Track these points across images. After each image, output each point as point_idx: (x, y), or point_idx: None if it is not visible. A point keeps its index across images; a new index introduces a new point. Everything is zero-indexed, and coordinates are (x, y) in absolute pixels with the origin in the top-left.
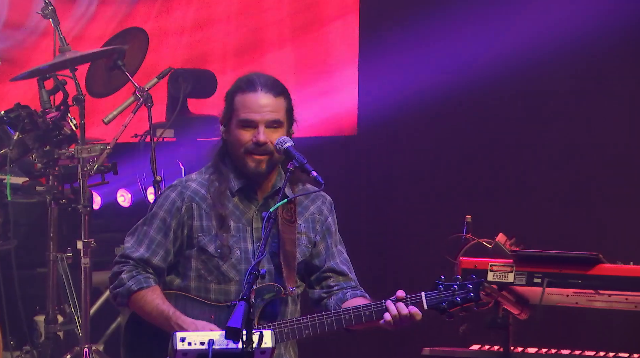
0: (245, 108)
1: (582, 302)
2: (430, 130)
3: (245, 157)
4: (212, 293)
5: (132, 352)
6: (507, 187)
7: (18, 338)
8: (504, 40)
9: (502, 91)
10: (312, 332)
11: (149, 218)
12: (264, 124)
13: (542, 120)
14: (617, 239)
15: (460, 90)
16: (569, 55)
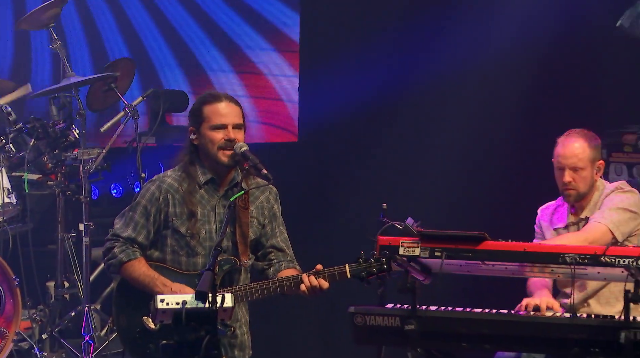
0: (216, 115)
1: (472, 271)
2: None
3: (218, 153)
4: (183, 265)
5: (120, 310)
6: (416, 181)
7: (34, 299)
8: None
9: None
10: (260, 295)
11: (134, 206)
12: (231, 125)
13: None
14: (500, 222)
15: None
16: (486, 65)
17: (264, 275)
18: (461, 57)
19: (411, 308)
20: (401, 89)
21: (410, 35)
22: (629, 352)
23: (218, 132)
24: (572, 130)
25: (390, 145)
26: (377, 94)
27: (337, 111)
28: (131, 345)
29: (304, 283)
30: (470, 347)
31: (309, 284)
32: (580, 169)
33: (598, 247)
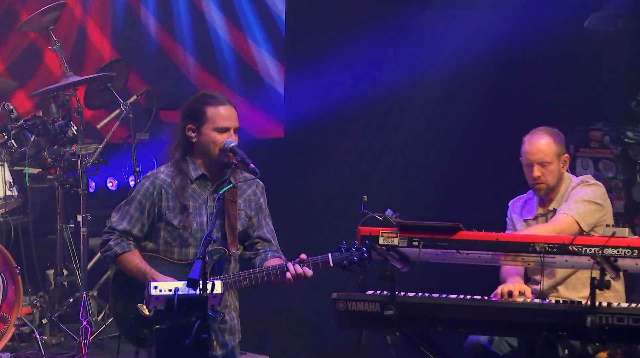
0: (221, 118)
1: (447, 259)
2: (342, 133)
3: (220, 154)
4: (176, 255)
5: (117, 298)
6: (395, 176)
7: (34, 286)
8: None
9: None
10: (248, 283)
11: (130, 200)
12: (233, 129)
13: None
14: (474, 213)
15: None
16: (462, 63)
17: (251, 264)
18: (438, 55)
19: (390, 295)
20: (382, 86)
21: (390, 34)
22: (595, 335)
23: (221, 134)
24: (536, 129)
25: (371, 142)
26: (359, 91)
27: (321, 108)
28: (127, 330)
29: (289, 271)
30: (445, 330)
31: (294, 272)
32: (548, 164)
33: (566, 236)
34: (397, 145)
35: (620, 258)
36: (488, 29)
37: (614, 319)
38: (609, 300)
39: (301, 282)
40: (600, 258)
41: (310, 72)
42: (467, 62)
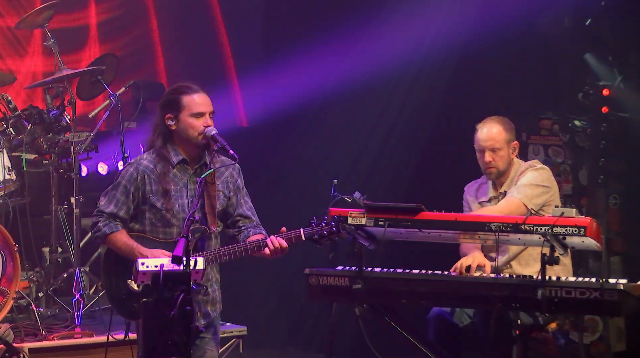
0: (196, 104)
1: (410, 237)
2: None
3: (199, 136)
4: (160, 235)
5: (108, 276)
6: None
7: (31, 262)
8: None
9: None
10: (228, 257)
11: (116, 185)
12: (209, 114)
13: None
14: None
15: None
16: (424, 60)
17: (234, 241)
18: (401, 48)
19: (358, 270)
20: (347, 77)
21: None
22: (545, 306)
23: (198, 119)
24: (489, 118)
25: (341, 129)
26: (325, 82)
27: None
28: (118, 304)
29: (268, 246)
30: (409, 302)
31: (272, 246)
32: (498, 150)
33: (519, 216)
34: (365, 132)
35: (568, 236)
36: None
37: (563, 292)
38: (558, 274)
39: (278, 255)
40: (550, 236)
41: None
42: (430, 57)
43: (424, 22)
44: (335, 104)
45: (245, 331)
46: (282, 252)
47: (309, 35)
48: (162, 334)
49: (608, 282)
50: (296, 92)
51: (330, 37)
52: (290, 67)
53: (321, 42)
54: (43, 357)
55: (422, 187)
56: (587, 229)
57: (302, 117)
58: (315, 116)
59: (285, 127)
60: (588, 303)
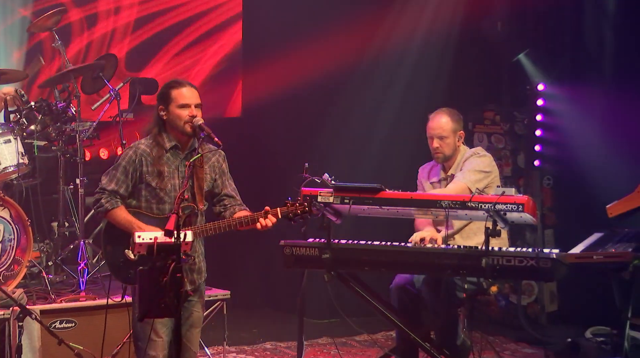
0: (182, 97)
1: (372, 213)
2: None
3: (185, 126)
4: (154, 211)
5: (108, 245)
6: (332, 146)
7: (42, 235)
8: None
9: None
10: (215, 231)
11: (116, 166)
12: (194, 105)
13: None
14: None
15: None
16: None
17: (220, 217)
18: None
19: (327, 242)
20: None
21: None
22: (488, 273)
23: (184, 110)
24: (439, 109)
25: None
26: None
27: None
28: (116, 271)
29: (260, 223)
30: (371, 269)
31: (264, 223)
32: (445, 137)
33: (465, 195)
34: (333, 122)
35: (508, 212)
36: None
37: (504, 260)
38: (497, 245)
39: (268, 228)
40: (493, 212)
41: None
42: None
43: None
44: (305, 98)
45: (228, 295)
46: (271, 225)
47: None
48: (156, 298)
49: (543, 252)
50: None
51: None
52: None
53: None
54: (52, 318)
55: (383, 170)
56: (524, 206)
57: (277, 110)
58: (288, 109)
59: (261, 119)
60: (525, 270)
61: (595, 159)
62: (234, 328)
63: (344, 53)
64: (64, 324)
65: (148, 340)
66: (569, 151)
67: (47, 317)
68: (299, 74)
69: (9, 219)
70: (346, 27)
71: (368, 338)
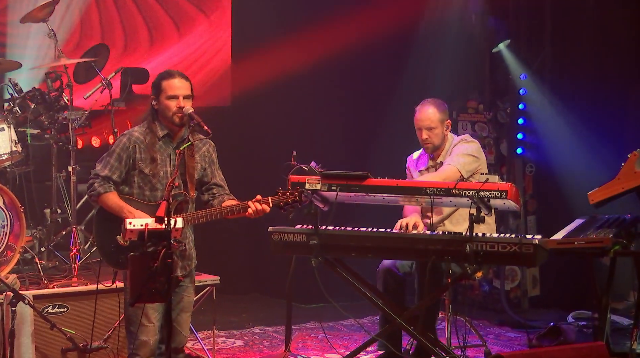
0: (171, 88)
1: (359, 200)
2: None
3: (173, 116)
4: (147, 197)
5: (99, 231)
6: (319, 135)
7: (35, 221)
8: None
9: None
10: (205, 219)
11: (110, 153)
12: (182, 96)
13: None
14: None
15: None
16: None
17: (209, 205)
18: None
19: (314, 228)
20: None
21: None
22: (472, 258)
23: (172, 101)
24: (425, 100)
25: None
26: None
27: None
28: (107, 257)
29: (251, 208)
30: (357, 255)
31: (254, 208)
32: (433, 128)
33: (450, 182)
34: (321, 111)
35: (492, 199)
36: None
37: (487, 246)
38: (483, 231)
39: (259, 215)
40: (476, 199)
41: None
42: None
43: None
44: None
45: (218, 280)
46: (263, 212)
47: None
48: (147, 283)
49: (525, 238)
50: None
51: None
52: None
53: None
54: (45, 302)
55: (370, 158)
56: (507, 193)
57: (267, 98)
58: (277, 98)
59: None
60: (508, 255)
61: (576, 147)
62: (223, 313)
63: (332, 42)
64: (57, 309)
65: (140, 325)
66: (551, 139)
67: (39, 302)
68: (289, 63)
69: (3, 206)
70: (335, 16)
71: (355, 323)
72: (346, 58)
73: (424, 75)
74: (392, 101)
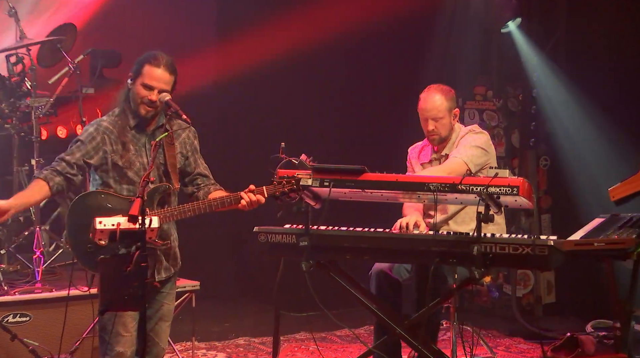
0: (150, 76)
1: (354, 197)
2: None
3: (140, 106)
4: (124, 191)
5: (72, 230)
6: (311, 124)
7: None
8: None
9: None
10: (192, 213)
11: (76, 141)
12: (157, 89)
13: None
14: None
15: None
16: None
17: (194, 198)
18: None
19: (305, 228)
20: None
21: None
22: (480, 261)
23: (145, 90)
24: (431, 86)
25: (289, 95)
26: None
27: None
28: (84, 258)
29: (244, 199)
30: (352, 258)
31: (248, 199)
32: (440, 118)
33: (455, 177)
34: (312, 97)
35: (502, 196)
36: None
37: (497, 248)
38: (492, 231)
39: (254, 206)
40: (485, 195)
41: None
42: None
43: None
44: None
45: (197, 286)
46: (257, 204)
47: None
48: (119, 289)
49: (539, 238)
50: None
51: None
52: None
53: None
54: (5, 311)
55: (366, 150)
56: (519, 189)
57: (251, 84)
58: (264, 84)
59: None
60: (520, 258)
61: (595, 138)
62: (203, 322)
63: (326, 23)
64: (18, 318)
65: (115, 335)
66: (567, 129)
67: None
68: (275, 47)
69: None
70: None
71: (350, 333)
72: (341, 41)
73: (426, 58)
74: (391, 87)
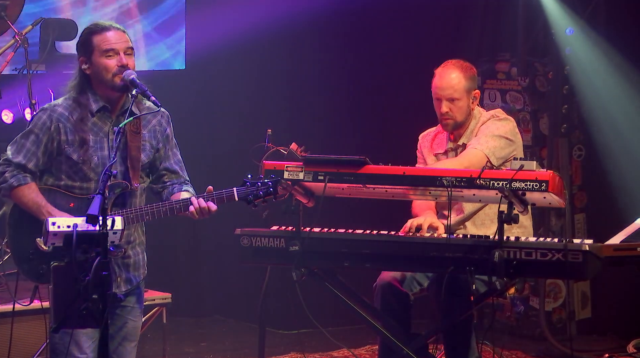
0: (106, 42)
1: (354, 194)
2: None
3: (114, 78)
4: (77, 190)
5: (14, 233)
6: (301, 108)
7: None
8: None
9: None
10: (152, 217)
11: (26, 134)
12: (123, 51)
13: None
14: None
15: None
16: None
17: (160, 198)
18: None
19: (295, 230)
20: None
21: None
22: (502, 269)
23: (111, 59)
24: (448, 62)
25: (273, 73)
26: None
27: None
28: (24, 266)
29: (193, 205)
30: (352, 265)
31: (197, 206)
32: (457, 100)
33: (473, 170)
34: (302, 74)
35: (528, 192)
36: None
37: (522, 253)
38: (517, 234)
39: (205, 215)
40: (507, 192)
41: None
42: None
43: None
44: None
45: (169, 299)
46: (209, 213)
47: None
48: (76, 302)
49: (572, 243)
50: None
51: None
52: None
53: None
54: None
55: (368, 137)
56: (549, 184)
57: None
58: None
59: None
60: (550, 265)
61: (638, 124)
62: (175, 341)
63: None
64: None
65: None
66: (606, 114)
67: None
68: (262, 14)
69: None
70: None
71: (349, 354)
72: (339, 7)
73: (440, 30)
74: (399, 64)
